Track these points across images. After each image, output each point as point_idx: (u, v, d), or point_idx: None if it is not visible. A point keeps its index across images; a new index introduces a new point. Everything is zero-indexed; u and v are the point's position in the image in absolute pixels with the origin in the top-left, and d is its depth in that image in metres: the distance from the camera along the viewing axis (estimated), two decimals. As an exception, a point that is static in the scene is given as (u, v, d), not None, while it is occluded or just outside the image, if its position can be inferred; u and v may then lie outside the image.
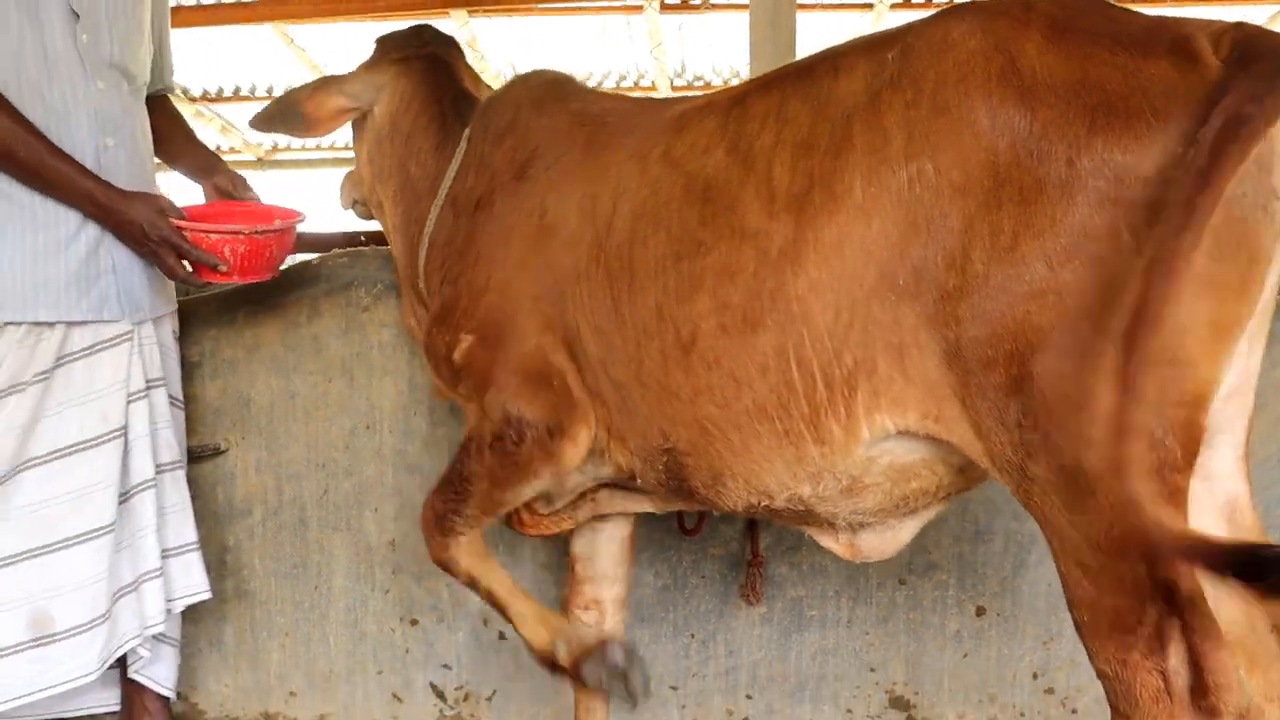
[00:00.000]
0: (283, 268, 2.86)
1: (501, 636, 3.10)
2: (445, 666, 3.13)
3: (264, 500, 3.11)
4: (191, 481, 3.08)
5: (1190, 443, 1.61)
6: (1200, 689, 1.63)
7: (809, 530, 2.23)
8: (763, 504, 2.09)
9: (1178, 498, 1.63)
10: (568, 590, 2.65)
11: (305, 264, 3.11)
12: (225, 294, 3.06)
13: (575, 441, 2.21)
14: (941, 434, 1.80)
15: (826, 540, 2.24)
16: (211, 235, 2.55)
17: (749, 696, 3.10)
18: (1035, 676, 3.06)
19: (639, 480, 2.26)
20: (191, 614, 3.11)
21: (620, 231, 2.09)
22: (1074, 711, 3.06)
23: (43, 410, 2.57)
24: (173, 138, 2.96)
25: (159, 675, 2.91)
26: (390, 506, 3.09)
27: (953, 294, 1.70)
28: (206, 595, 2.85)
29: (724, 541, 3.05)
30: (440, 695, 3.14)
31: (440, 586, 3.09)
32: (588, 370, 2.17)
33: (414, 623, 3.12)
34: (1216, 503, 1.86)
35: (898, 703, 3.10)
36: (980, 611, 3.05)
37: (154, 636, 2.88)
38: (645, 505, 2.38)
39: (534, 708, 3.13)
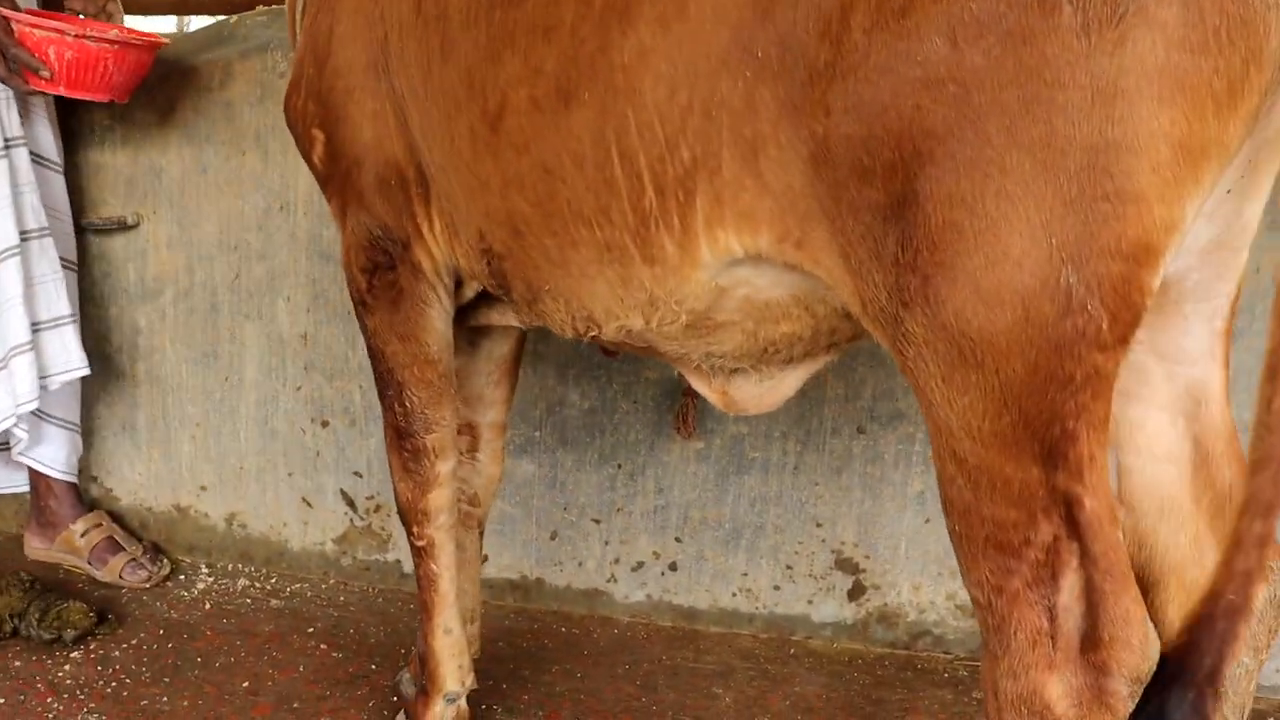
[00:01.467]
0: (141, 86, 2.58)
1: (416, 448, 2.85)
2: (356, 474, 2.90)
3: (175, 281, 2.89)
4: (102, 257, 2.90)
5: (1126, 310, 1.17)
6: (1093, 639, 1.24)
7: (676, 367, 1.86)
8: (590, 333, 1.73)
9: (1098, 384, 1.20)
10: None
11: (222, 23, 2.80)
12: (136, 50, 2.79)
13: (432, 235, 1.87)
14: (804, 264, 1.39)
15: (697, 383, 1.87)
16: (36, 32, 2.28)
17: (678, 540, 2.78)
18: (1008, 551, 2.63)
19: (484, 289, 1.93)
20: (105, 396, 2.97)
21: None
22: (1049, 596, 2.63)
23: None
24: None
25: (47, 457, 2.79)
26: (303, 296, 2.82)
27: (824, 73, 1.25)
28: (84, 371, 2.67)
29: (661, 365, 2.68)
30: (351, 504, 2.92)
31: (353, 388, 2.84)
32: (418, 151, 1.81)
33: (325, 424, 2.88)
34: (1175, 390, 1.43)
35: (845, 565, 2.72)
36: None
37: (38, 416, 2.74)
38: (510, 319, 2.03)
39: (448, 528, 2.88)
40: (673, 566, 2.79)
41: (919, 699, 2.51)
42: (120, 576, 2.84)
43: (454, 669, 2.13)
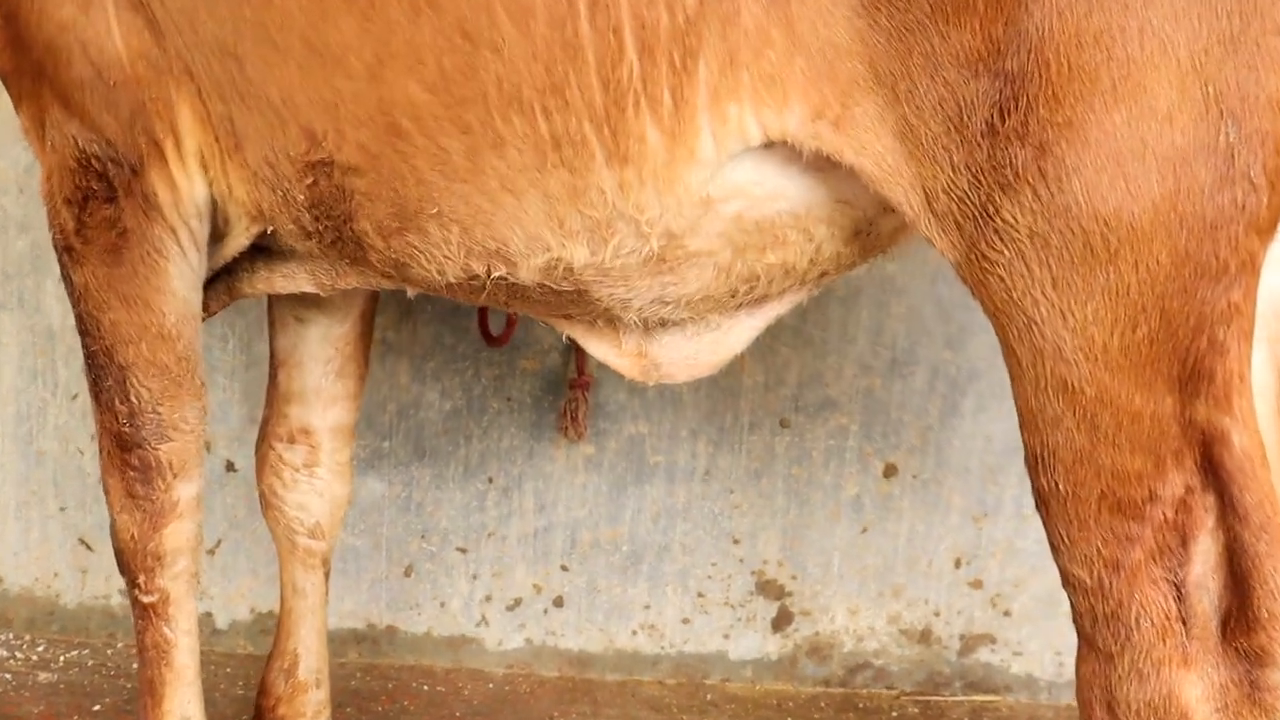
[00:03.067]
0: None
1: (230, 468, 2.29)
2: (151, 505, 2.32)
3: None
4: None
5: None
6: (1243, 619, 1.02)
7: (568, 329, 1.51)
8: (494, 274, 1.35)
9: (1250, 279, 1.01)
10: (266, 411, 1.86)
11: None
12: None
13: (178, 158, 1.42)
14: (842, 151, 1.14)
15: (600, 344, 1.51)
16: None
17: (564, 569, 2.33)
18: (958, 564, 2.28)
19: (276, 232, 1.47)
20: None
21: None
22: (1006, 614, 2.29)
23: None
24: None
25: None
26: (78, 278, 2.25)
27: None
28: None
29: (540, 352, 2.26)
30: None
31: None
32: (168, 31, 1.35)
33: (109, 442, 2.31)
34: (1262, 311, 1.14)
35: (768, 588, 2.32)
36: (890, 471, 2.27)
37: None
38: (303, 282, 1.57)
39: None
40: (558, 602, 2.35)
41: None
42: None
43: None
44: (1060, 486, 1.05)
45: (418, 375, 2.26)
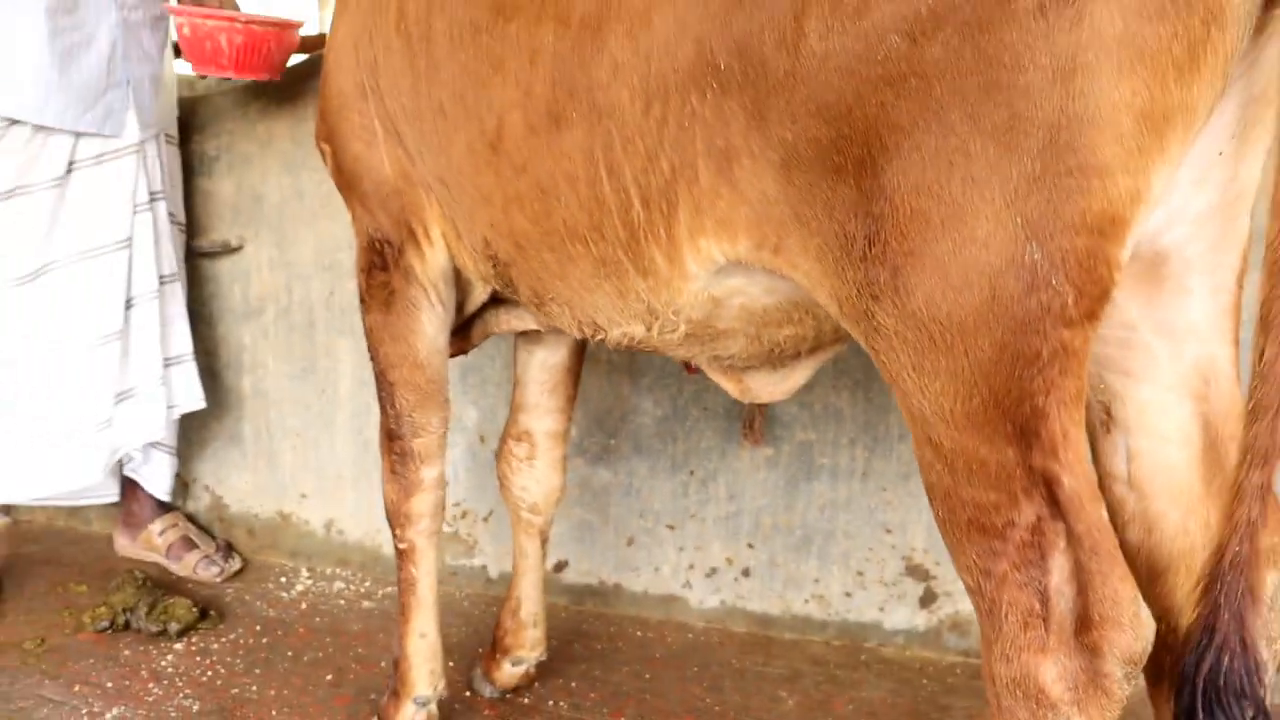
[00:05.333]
0: (289, 67, 2.78)
1: (498, 457, 2.96)
2: (443, 482, 3.03)
3: (275, 300, 3.07)
4: (210, 279, 3.11)
5: (1092, 284, 1.18)
6: (1084, 621, 1.24)
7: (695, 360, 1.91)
8: (597, 337, 1.81)
9: (1066, 360, 1.20)
10: (508, 415, 2.44)
11: (318, 57, 2.99)
12: (239, 88, 3.00)
13: (428, 241, 1.96)
14: (782, 269, 1.42)
15: (715, 375, 1.94)
16: (208, 23, 2.53)
17: (750, 545, 2.81)
18: (1083, 559, 2.57)
19: (496, 290, 2.01)
20: (215, 409, 3.17)
21: None
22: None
23: (58, 216, 2.64)
24: None
25: (151, 478, 3.02)
26: (391, 313, 2.96)
27: (785, 81, 1.30)
28: (202, 405, 2.92)
29: (728, 373, 2.73)
30: (438, 511, 3.05)
31: (439, 399, 2.97)
32: (415, 159, 1.90)
33: (414, 435, 3.02)
34: (1182, 369, 1.41)
35: (915, 571, 2.71)
36: None
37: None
38: (529, 321, 2.10)
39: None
40: (745, 573, 2.82)
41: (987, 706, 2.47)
42: (194, 571, 3.04)
43: (425, 673, 2.20)
44: (941, 513, 1.31)
45: (635, 388, 2.80)
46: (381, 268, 2.02)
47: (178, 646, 2.70)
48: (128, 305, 2.76)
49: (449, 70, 1.74)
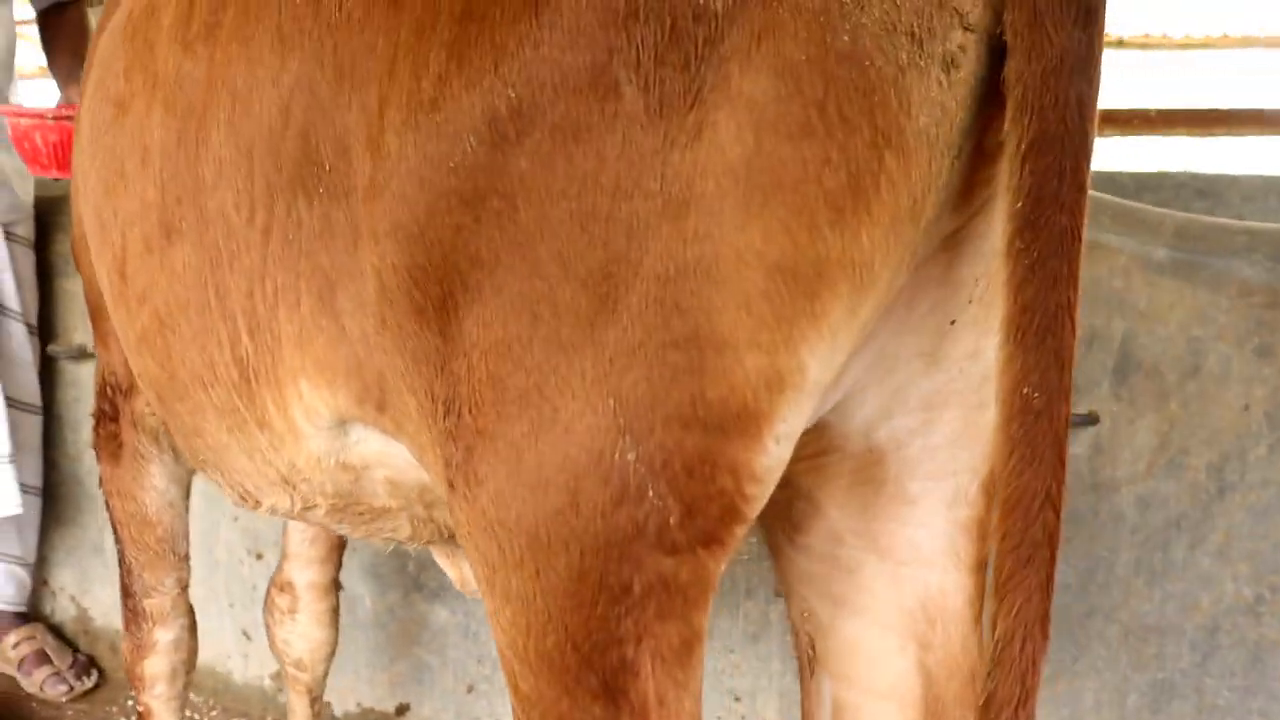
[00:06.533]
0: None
1: (339, 586, 2.74)
2: (286, 610, 2.82)
3: (130, 407, 2.93)
4: (72, 382, 2.99)
5: (708, 500, 0.88)
6: None
7: None
8: (267, 509, 1.50)
9: (666, 600, 0.91)
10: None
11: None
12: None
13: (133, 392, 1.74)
14: (389, 429, 1.13)
15: (435, 551, 1.66)
16: (22, 121, 2.41)
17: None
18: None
19: None
20: (78, 518, 3.04)
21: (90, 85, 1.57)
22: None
23: None
24: (60, 49, 2.81)
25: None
26: (236, 427, 2.79)
27: (369, 188, 1.00)
28: (17, 510, 2.74)
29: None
30: (282, 640, 2.84)
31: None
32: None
33: (259, 557, 2.82)
34: (901, 602, 1.09)
35: (765, 748, 2.37)
36: None
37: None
38: None
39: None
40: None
41: None
42: (41, 689, 2.90)
43: None
44: None
45: None
46: (111, 416, 1.82)
47: (-20, 783, 2.55)
48: None
49: (89, 183, 1.50)
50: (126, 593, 1.92)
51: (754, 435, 0.87)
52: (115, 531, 1.90)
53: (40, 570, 3.04)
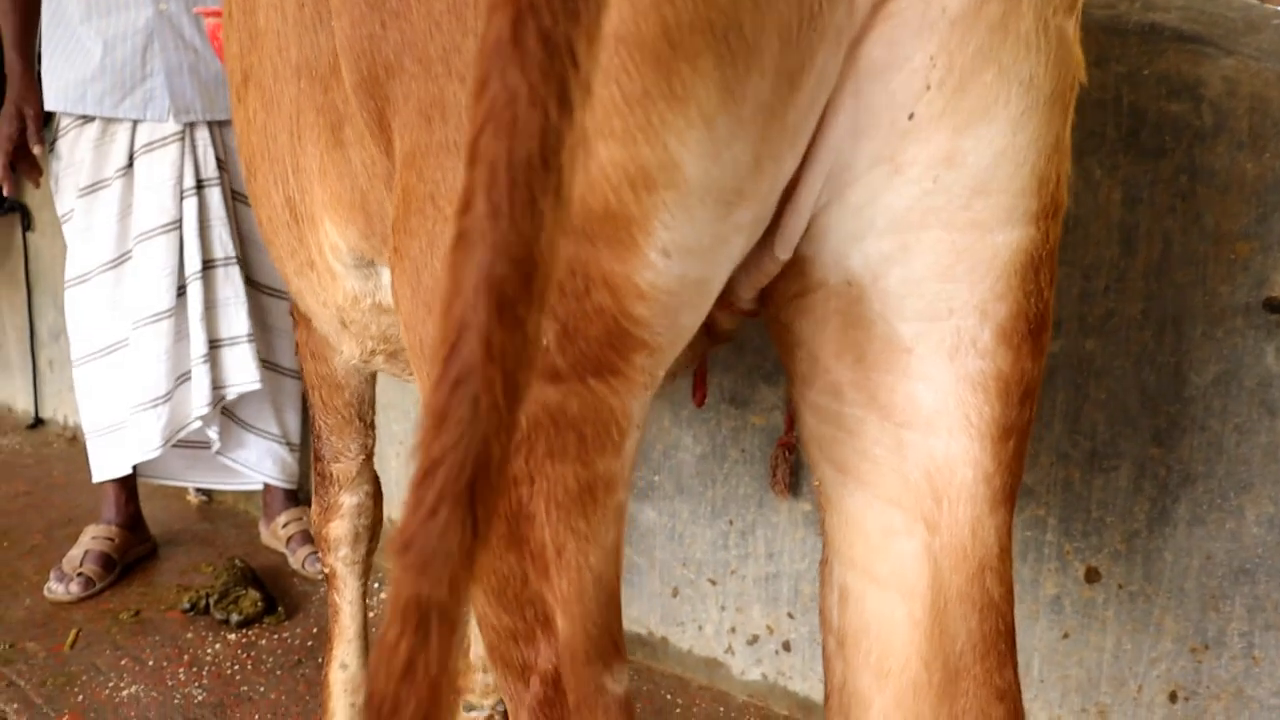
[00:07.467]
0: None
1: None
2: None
3: (385, 305, 3.10)
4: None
5: (584, 320, 0.81)
6: None
7: None
8: (348, 358, 1.59)
9: (555, 435, 0.84)
10: None
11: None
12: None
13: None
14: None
15: None
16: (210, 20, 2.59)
17: (790, 616, 2.39)
18: (1174, 698, 1.91)
19: None
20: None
21: None
22: (1233, 769, 1.87)
23: (128, 204, 2.85)
24: None
25: (247, 460, 3.11)
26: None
27: (337, 10, 1.04)
28: (256, 387, 2.92)
29: (765, 409, 2.35)
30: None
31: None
32: None
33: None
34: (908, 472, 0.94)
35: (966, 676, 2.15)
36: (1091, 575, 1.98)
37: (237, 424, 3.07)
38: None
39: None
40: (786, 646, 2.41)
41: None
42: (303, 566, 3.10)
43: (345, 706, 2.03)
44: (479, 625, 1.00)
45: (676, 420, 2.50)
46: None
47: (231, 637, 2.78)
48: (180, 288, 2.84)
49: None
50: (316, 457, 2.00)
51: (626, 243, 0.77)
52: (307, 395, 1.99)
53: (305, 454, 3.28)
